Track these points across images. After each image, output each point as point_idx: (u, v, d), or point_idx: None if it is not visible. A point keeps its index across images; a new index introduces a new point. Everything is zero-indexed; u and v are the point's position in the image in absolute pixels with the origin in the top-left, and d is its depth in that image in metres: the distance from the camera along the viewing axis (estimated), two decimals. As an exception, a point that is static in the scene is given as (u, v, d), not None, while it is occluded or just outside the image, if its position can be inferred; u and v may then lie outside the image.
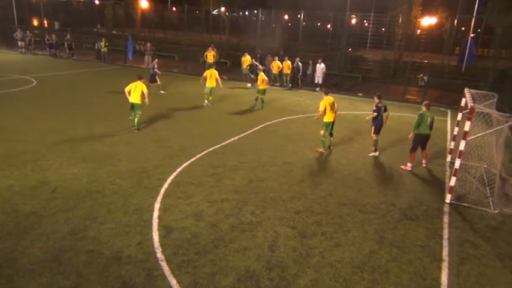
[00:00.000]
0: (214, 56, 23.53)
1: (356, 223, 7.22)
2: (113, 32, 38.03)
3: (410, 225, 7.30)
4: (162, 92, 18.06)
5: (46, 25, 40.40)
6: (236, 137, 11.99)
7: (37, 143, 10.27)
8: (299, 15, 27.46)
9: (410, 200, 8.41)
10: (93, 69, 24.39)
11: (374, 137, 11.11)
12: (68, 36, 28.95)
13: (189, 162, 9.64)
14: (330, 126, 11.20)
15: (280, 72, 21.96)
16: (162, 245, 6.05)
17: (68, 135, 11.08)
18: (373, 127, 11.04)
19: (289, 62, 21.66)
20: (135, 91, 11.77)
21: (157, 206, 7.31)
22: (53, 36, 29.83)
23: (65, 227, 6.40)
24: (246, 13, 41.98)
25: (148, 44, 26.83)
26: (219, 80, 16.02)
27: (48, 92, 16.93)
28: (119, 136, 11.37)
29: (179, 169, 9.13)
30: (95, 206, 7.15)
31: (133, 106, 11.91)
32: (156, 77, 17.54)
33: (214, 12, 44.65)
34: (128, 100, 11.87)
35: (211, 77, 15.77)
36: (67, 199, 7.36)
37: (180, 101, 16.90)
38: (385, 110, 10.95)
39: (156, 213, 7.02)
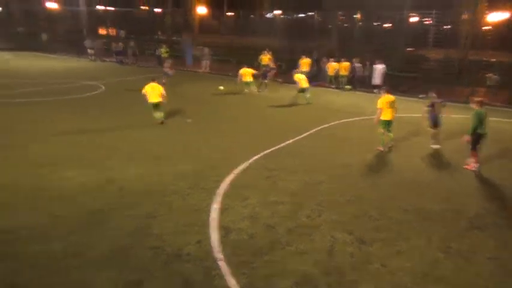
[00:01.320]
0: (269, 59, 23.66)
1: (418, 230, 6.89)
2: (173, 38, 39.55)
3: (478, 235, 6.82)
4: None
5: (112, 34, 43.03)
6: (292, 140, 11.95)
7: (104, 144, 10.94)
8: (355, 16, 26.84)
9: (477, 207, 7.86)
10: (155, 75, 25.49)
11: (431, 130, 11.37)
12: (132, 43, 30.59)
13: (244, 164, 9.75)
14: (387, 124, 11.10)
15: (337, 74, 21.59)
16: (219, 245, 6.17)
17: (131, 137, 11.69)
18: (430, 122, 11.36)
19: (346, 63, 21.23)
20: (154, 92, 12.90)
21: (214, 206, 7.47)
22: (119, 44, 31.66)
23: (129, 224, 6.74)
24: (301, 15, 41.80)
25: (206, 49, 27.58)
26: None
27: (114, 96, 18.00)
28: (177, 138, 11.79)
29: (235, 171, 9.27)
30: (157, 205, 7.46)
31: (155, 105, 13.04)
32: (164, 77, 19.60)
33: (269, 15, 44.95)
34: (147, 101, 13.03)
35: (246, 74, 19.05)
36: (131, 197, 7.75)
37: (234, 104, 17.19)
38: (444, 105, 11.35)
39: (213, 214, 7.17)
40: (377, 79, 20.70)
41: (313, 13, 27.57)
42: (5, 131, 11.81)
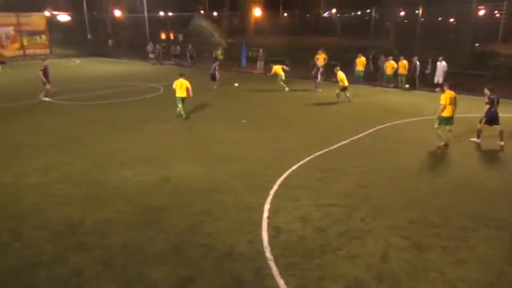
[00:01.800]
0: (324, 58, 23.37)
1: (482, 238, 6.45)
2: (229, 40, 40.35)
3: (552, 246, 6.25)
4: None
5: (172, 38, 44.83)
6: (346, 141, 11.71)
7: (162, 144, 11.44)
8: (417, 11, 25.64)
9: (552, 217, 7.20)
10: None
11: (479, 126, 11.23)
12: (190, 46, 31.72)
13: (297, 164, 9.72)
14: (447, 121, 10.89)
15: (395, 72, 20.80)
16: (270, 245, 6.21)
17: (186, 137, 12.12)
18: (485, 118, 11.14)
19: (405, 62, 20.38)
20: (181, 87, 13.89)
21: (266, 206, 7.53)
22: (178, 47, 32.96)
23: (184, 221, 7.00)
24: (358, 13, 40.75)
25: (261, 50, 27.84)
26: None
27: (172, 98, 18.70)
28: (233, 138, 12.02)
29: (288, 171, 9.28)
30: (210, 203, 7.67)
31: (181, 100, 14.07)
32: (216, 76, 20.75)
33: (325, 14, 44.33)
34: (175, 95, 14.13)
35: (278, 70, 20.17)
36: (186, 195, 8.04)
37: (287, 104, 17.17)
38: (498, 102, 11.06)
39: (265, 214, 7.23)
40: (440, 77, 19.64)
41: (370, 10, 26.72)
42: (74, 131, 12.76)
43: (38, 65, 19.09)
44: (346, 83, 17.29)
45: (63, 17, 45.44)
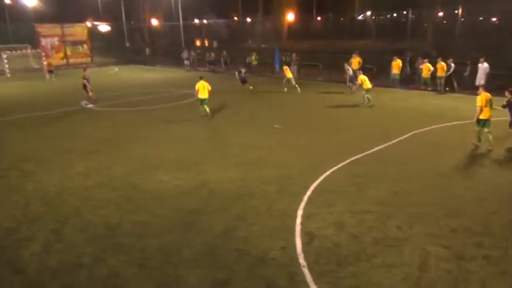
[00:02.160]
0: (359, 62, 23.03)
1: (529, 249, 6.11)
2: (262, 45, 40.58)
3: None
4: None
5: (206, 44, 45.64)
6: (381, 146, 11.45)
7: (197, 149, 11.64)
8: (456, 11, 24.77)
9: None
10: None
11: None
12: (224, 52, 32.18)
13: (331, 170, 9.61)
14: (484, 123, 10.75)
15: (433, 75, 20.15)
16: (304, 252, 6.16)
17: (221, 142, 12.26)
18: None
19: (443, 64, 19.71)
20: (204, 89, 14.91)
21: (300, 212, 7.48)
22: (212, 54, 33.50)
23: (219, 225, 7.08)
24: (394, 15, 39.89)
25: (294, 55, 27.80)
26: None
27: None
28: (264, 143, 12.04)
29: (322, 177, 9.18)
30: (245, 208, 7.72)
31: (202, 101, 15.05)
32: (246, 79, 21.65)
33: (360, 17, 43.72)
34: (197, 96, 15.15)
35: (287, 70, 21.32)
36: (222, 200, 8.13)
37: (320, 109, 17.01)
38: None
39: (299, 220, 7.19)
40: (482, 79, 18.82)
41: (406, 12, 26.08)
42: (113, 136, 13.22)
43: (79, 74, 19.97)
44: (369, 85, 17.02)
45: (104, 27, 47.44)
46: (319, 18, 48.37)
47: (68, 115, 16.91)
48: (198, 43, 47.97)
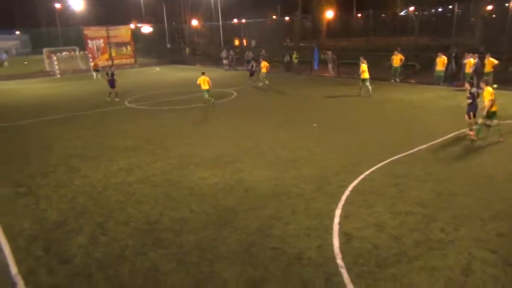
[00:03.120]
0: (401, 59, 22.35)
1: None
2: (301, 44, 40.30)
3: None
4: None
5: (245, 44, 45.95)
6: (424, 145, 11.04)
7: (234, 147, 11.74)
8: (507, 4, 23.41)
9: None
10: (283, 80, 26.39)
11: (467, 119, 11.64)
12: (263, 51, 32.23)
13: (370, 170, 9.38)
14: (493, 115, 11.09)
15: (479, 71, 19.13)
16: (342, 252, 6.05)
17: (258, 141, 12.29)
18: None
19: (492, 59, 18.69)
20: (204, 82, 18.19)
21: (338, 212, 7.36)
22: (250, 53, 33.68)
23: (254, 223, 7.10)
24: (439, 10, 38.34)
25: (329, 53, 27.43)
26: None
27: (244, 102, 19.19)
28: (301, 142, 11.95)
29: (360, 177, 8.99)
30: (281, 207, 7.70)
31: (206, 91, 18.25)
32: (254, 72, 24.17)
33: (402, 13, 42.36)
34: (200, 88, 17.96)
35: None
36: (257, 198, 8.16)
37: (360, 107, 16.65)
38: (478, 96, 11.60)
39: (336, 220, 7.07)
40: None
41: (452, 6, 24.97)
42: (154, 134, 13.61)
43: (124, 74, 20.70)
44: (367, 75, 18.50)
45: (146, 29, 48.98)
46: (359, 15, 47.39)
47: (111, 113, 17.60)
48: (236, 42, 48.41)
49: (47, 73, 35.27)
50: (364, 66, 18.60)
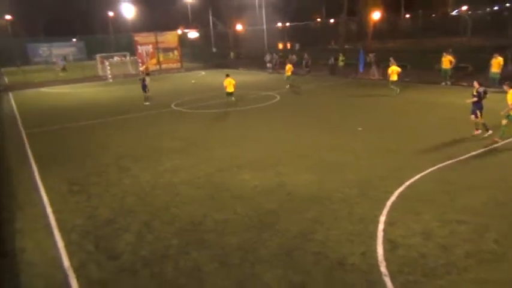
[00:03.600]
0: (450, 61, 21.36)
1: None
2: (345, 46, 39.63)
3: None
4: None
5: (288, 47, 45.91)
6: (478, 151, 10.46)
7: (277, 150, 11.73)
8: None
9: None
10: (327, 83, 26.09)
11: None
12: (306, 55, 32.04)
13: (419, 175, 9.01)
14: None
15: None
16: (386, 260, 5.86)
17: (300, 144, 12.20)
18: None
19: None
20: (230, 84, 18.90)
21: (382, 218, 7.14)
22: (294, 56, 33.59)
23: (297, 227, 7.05)
24: (495, 8, 36.26)
25: (370, 55, 26.77)
26: None
27: (287, 105, 19.15)
28: (345, 146, 11.72)
29: (407, 182, 8.66)
30: (323, 212, 7.59)
31: (230, 94, 19.09)
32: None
33: (454, 13, 40.49)
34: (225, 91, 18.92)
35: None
36: (299, 202, 8.09)
37: (408, 111, 16.07)
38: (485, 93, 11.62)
39: (381, 226, 6.87)
40: None
41: (510, 4, 23.51)
42: (199, 136, 13.90)
43: (170, 78, 21.33)
44: (395, 77, 19.23)
45: (193, 34, 50.26)
46: (407, 15, 45.85)
47: (159, 116, 18.19)
48: (280, 46, 48.47)
49: (100, 77, 37.09)
50: (393, 68, 19.30)
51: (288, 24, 46.49)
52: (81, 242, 7.02)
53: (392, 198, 7.96)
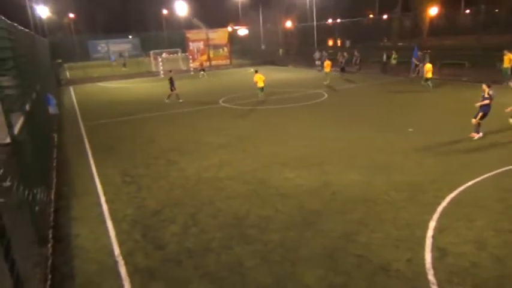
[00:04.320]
0: (510, 59, 19.96)
1: None
2: (399, 44, 38.23)
3: None
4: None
5: (339, 44, 45.04)
6: (541, 157, 9.72)
7: (323, 149, 11.59)
8: None
9: None
10: (378, 82, 25.34)
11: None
12: (356, 52, 31.27)
13: (474, 181, 8.53)
14: None
15: None
16: (434, 268, 5.62)
17: (347, 143, 11.96)
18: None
19: None
20: (260, 80, 19.72)
21: (432, 224, 6.84)
22: (344, 53, 32.87)
23: (340, 227, 6.94)
24: None
25: (419, 53, 25.56)
26: None
27: (335, 104, 18.84)
28: (394, 146, 11.34)
29: (461, 188, 8.23)
30: (368, 214, 7.40)
31: (261, 89, 19.85)
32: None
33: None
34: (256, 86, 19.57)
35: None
36: (344, 202, 7.95)
37: (465, 112, 15.19)
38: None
39: (430, 232, 6.58)
40: None
41: None
42: (246, 132, 14.04)
43: (221, 74, 21.70)
44: (430, 75, 20.21)
45: (242, 31, 50.74)
46: (467, 11, 43.33)
47: (207, 112, 18.58)
48: (330, 43, 47.68)
49: (152, 73, 38.54)
50: (428, 66, 20.35)
51: (338, 20, 45.60)
52: (131, 231, 7.36)
53: (444, 203, 7.60)
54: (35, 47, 15.48)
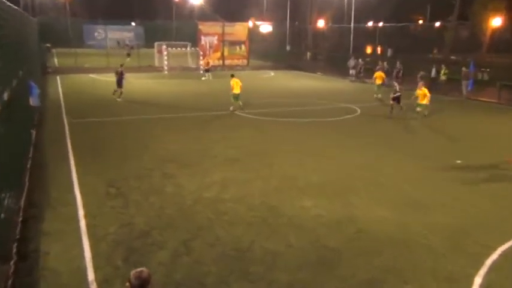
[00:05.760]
0: None
1: None
2: (451, 57, 38.04)
3: None
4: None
5: (379, 52, 45.06)
6: None
7: (348, 175, 11.49)
8: None
9: None
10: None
11: None
12: (398, 63, 31.17)
13: (531, 231, 8.33)
14: None
15: None
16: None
17: (378, 172, 11.84)
18: None
19: None
20: (237, 85, 19.84)
21: (478, 280, 6.65)
22: (385, 63, 32.84)
23: (363, 273, 6.80)
24: None
25: (463, 69, 25.52)
26: None
27: (368, 122, 18.77)
28: (437, 180, 11.17)
29: (515, 237, 8.04)
30: (399, 259, 7.25)
31: (237, 95, 19.90)
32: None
33: None
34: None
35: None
36: (370, 243, 7.82)
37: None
38: None
39: (474, 289, 6.42)
40: None
41: None
42: (258, 147, 14.03)
43: (228, 76, 21.87)
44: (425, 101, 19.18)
45: (265, 28, 51.17)
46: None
47: (214, 119, 18.71)
48: (368, 50, 47.77)
49: (155, 68, 39.01)
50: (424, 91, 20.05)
51: (381, 24, 45.70)
52: (111, 254, 7.33)
53: (494, 255, 7.40)
54: (22, 26, 15.87)
